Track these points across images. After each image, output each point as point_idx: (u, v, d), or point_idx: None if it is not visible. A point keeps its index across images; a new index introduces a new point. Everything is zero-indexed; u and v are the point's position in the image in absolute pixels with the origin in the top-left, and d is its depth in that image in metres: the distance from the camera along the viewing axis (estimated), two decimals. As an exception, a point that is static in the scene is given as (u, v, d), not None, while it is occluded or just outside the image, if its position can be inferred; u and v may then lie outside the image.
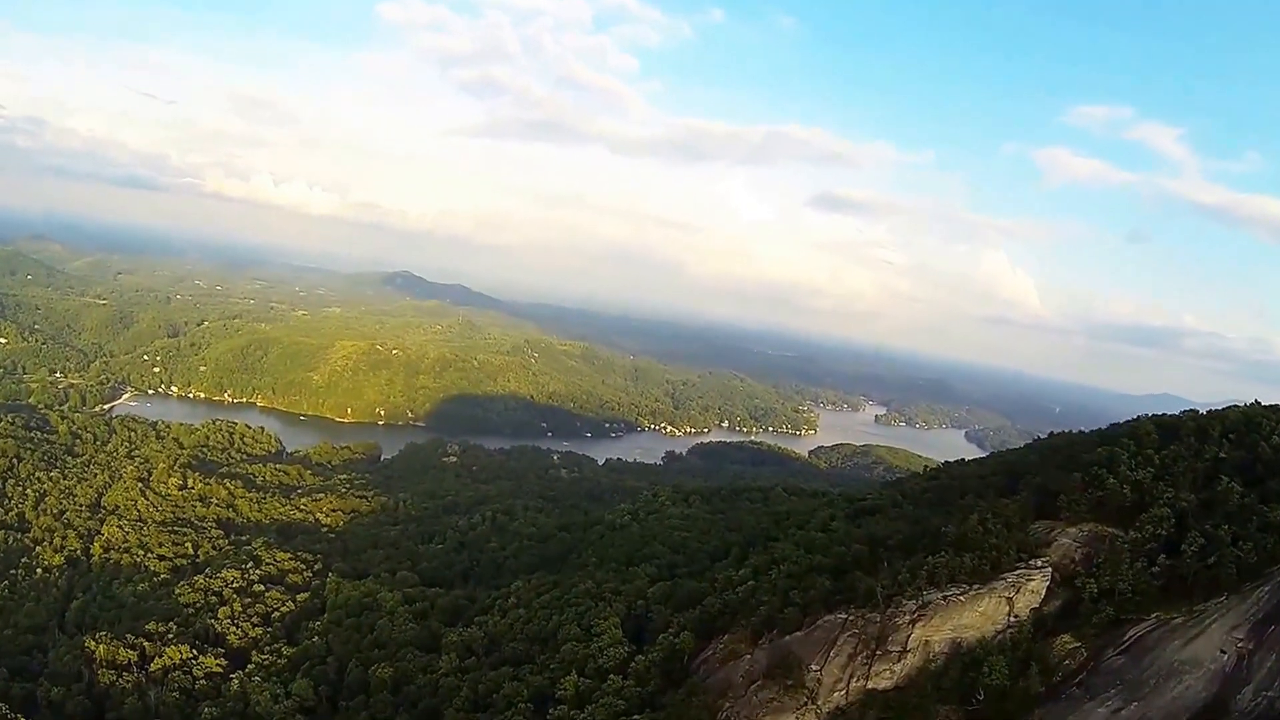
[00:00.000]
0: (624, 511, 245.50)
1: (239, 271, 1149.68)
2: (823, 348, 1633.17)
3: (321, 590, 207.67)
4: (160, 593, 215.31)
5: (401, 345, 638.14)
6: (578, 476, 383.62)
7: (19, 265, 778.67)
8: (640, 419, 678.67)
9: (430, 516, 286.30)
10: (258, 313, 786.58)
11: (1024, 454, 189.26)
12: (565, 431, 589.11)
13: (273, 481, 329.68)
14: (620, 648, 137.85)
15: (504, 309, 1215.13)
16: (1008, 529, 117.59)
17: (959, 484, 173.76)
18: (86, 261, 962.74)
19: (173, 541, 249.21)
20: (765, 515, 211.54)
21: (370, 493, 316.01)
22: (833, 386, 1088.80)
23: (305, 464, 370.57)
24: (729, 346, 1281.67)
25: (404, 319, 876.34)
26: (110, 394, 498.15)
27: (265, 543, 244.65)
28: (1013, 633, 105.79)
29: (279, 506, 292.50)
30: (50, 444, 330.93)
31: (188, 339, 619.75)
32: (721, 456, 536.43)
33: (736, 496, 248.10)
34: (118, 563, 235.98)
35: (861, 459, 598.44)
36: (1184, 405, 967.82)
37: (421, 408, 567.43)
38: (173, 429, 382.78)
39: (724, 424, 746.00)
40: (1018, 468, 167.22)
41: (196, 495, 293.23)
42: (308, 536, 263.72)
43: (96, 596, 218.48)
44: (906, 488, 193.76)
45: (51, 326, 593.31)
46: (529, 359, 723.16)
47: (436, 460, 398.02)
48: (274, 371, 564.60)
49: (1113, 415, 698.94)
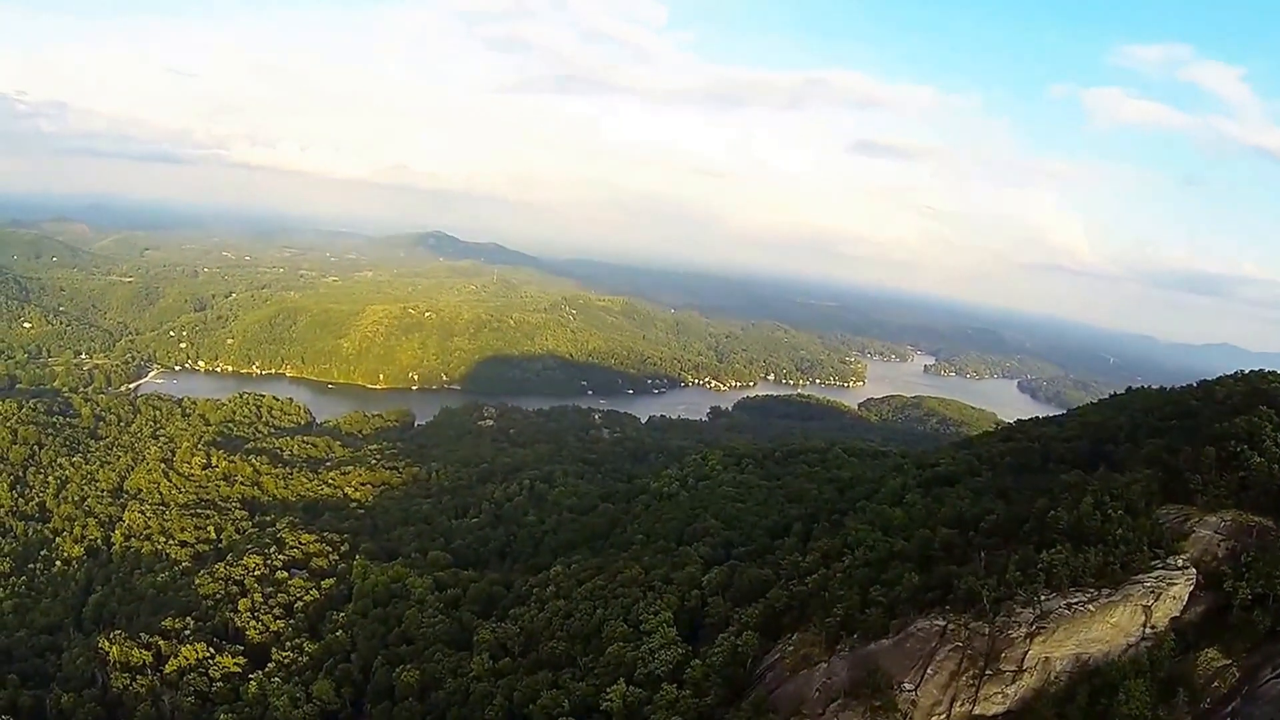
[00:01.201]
0: (671, 478, 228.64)
1: (268, 240, 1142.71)
2: (866, 297, 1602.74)
3: (348, 575, 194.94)
4: (180, 583, 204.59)
5: (435, 307, 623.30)
6: (620, 436, 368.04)
7: (43, 248, 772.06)
8: (683, 374, 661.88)
9: (464, 487, 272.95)
10: (287, 281, 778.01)
11: (1108, 414, 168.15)
12: (606, 389, 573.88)
13: (300, 455, 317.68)
14: (674, 648, 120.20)
15: (540, 266, 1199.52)
16: (1131, 515, 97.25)
17: (1039, 447, 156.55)
18: (112, 240, 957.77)
19: (195, 526, 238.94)
20: (827, 483, 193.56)
21: (402, 463, 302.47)
22: (879, 336, 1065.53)
23: (335, 435, 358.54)
24: (771, 297, 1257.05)
25: (437, 280, 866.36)
26: (136, 373, 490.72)
27: (290, 523, 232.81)
28: (1149, 647, 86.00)
29: (306, 482, 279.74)
30: (73, 428, 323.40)
31: (214, 312, 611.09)
32: (769, 411, 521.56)
33: (792, 459, 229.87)
34: (138, 551, 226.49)
35: (913, 411, 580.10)
36: (1244, 356, 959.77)
37: (456, 370, 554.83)
38: (199, 405, 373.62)
39: (770, 377, 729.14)
40: (1105, 432, 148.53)
41: (221, 474, 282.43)
42: (335, 514, 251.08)
43: (115, 589, 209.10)
44: (981, 450, 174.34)
45: (76, 308, 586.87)
46: (567, 316, 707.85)
47: (472, 425, 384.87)
48: (303, 340, 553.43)
49: (1170, 366, 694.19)
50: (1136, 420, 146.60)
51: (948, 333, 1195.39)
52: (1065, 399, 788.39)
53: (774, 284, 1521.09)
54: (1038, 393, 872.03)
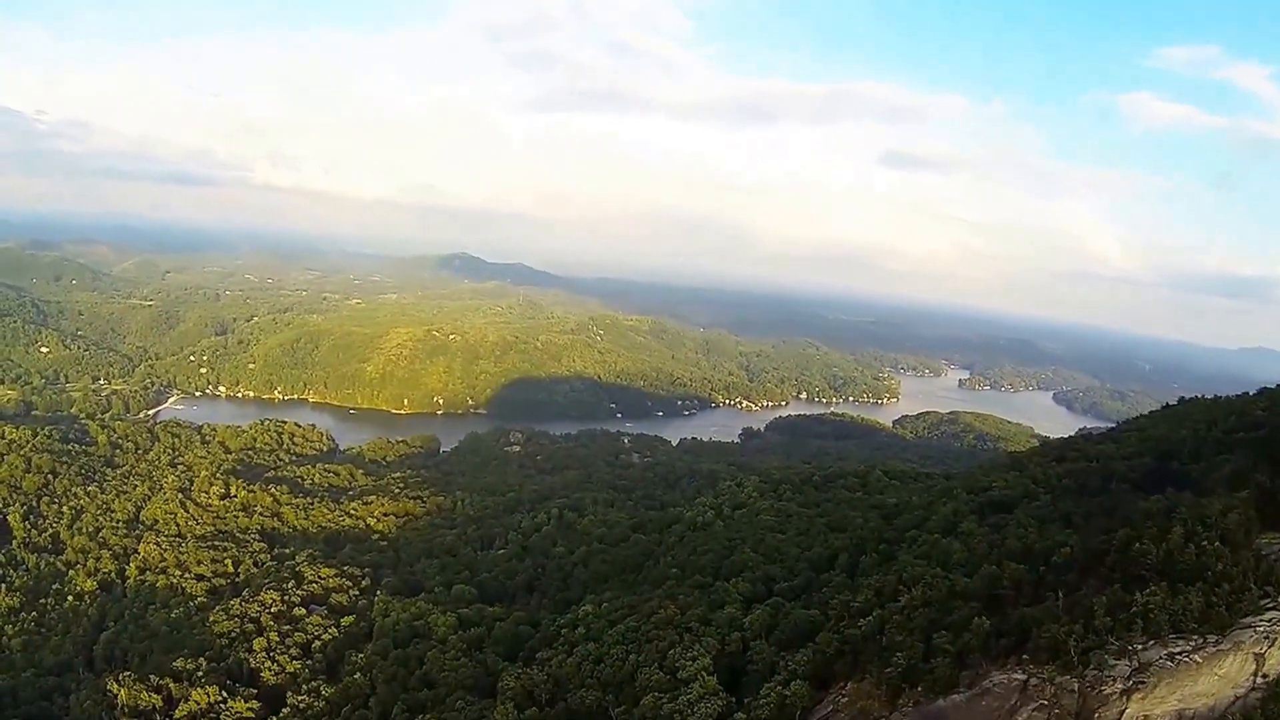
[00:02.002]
0: (706, 506, 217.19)
1: (292, 263, 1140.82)
2: (899, 311, 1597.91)
3: (368, 612, 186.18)
4: (195, 619, 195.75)
5: (459, 329, 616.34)
6: (650, 461, 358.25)
7: (63, 270, 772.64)
8: (714, 394, 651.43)
9: (490, 516, 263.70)
10: (310, 304, 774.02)
11: (1166, 428, 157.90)
12: (635, 411, 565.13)
13: (322, 484, 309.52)
14: (715, 699, 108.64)
15: (566, 286, 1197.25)
16: (1229, 547, 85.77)
17: (1099, 467, 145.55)
18: (134, 263, 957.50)
19: (212, 559, 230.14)
20: (871, 510, 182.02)
21: (426, 492, 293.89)
22: (912, 351, 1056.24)
23: (357, 463, 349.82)
24: (802, 314, 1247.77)
25: (462, 302, 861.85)
26: (155, 399, 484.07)
27: (310, 556, 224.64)
28: (1260, 699, 74.35)
29: (327, 513, 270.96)
30: (89, 456, 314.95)
31: (235, 336, 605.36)
32: (802, 431, 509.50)
33: (831, 484, 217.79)
34: (153, 585, 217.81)
35: (949, 427, 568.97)
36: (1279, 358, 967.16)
37: (482, 394, 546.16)
38: (218, 432, 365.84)
39: (802, 395, 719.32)
40: (1168, 448, 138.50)
41: (239, 504, 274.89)
42: (357, 546, 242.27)
43: (128, 626, 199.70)
44: (1034, 471, 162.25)
45: (95, 332, 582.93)
46: (594, 337, 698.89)
47: (498, 451, 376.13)
48: (326, 365, 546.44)
49: (1206, 371, 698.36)
50: (1200, 434, 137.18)
51: (981, 345, 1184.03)
52: (1102, 410, 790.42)
53: (805, 300, 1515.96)
54: (1074, 404, 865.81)
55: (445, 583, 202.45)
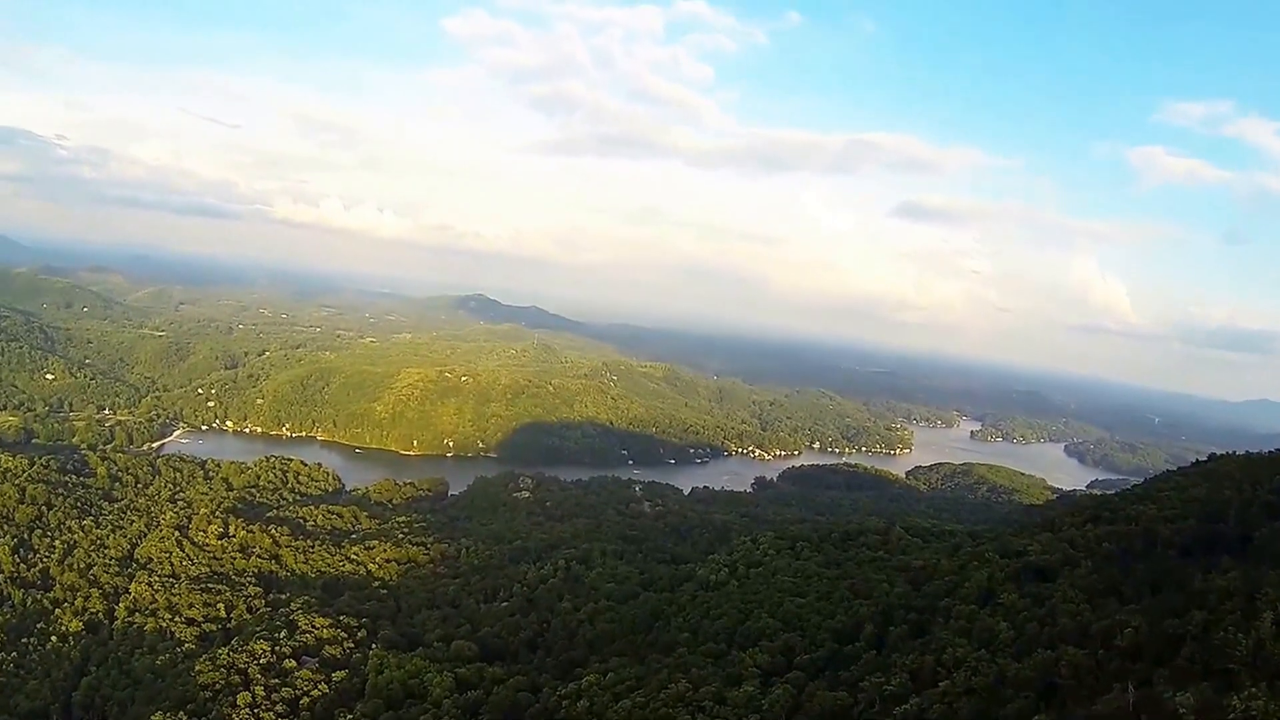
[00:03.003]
0: (719, 564, 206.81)
1: (307, 299, 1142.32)
2: (911, 362, 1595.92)
3: (362, 667, 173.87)
4: (181, 667, 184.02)
5: (472, 371, 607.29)
6: (661, 510, 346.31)
7: (75, 297, 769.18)
8: (726, 442, 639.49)
9: (496, 567, 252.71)
10: (323, 341, 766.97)
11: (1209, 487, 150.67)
12: (647, 458, 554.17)
13: (324, 526, 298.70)
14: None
15: (581, 330, 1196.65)
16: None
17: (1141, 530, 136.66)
18: (148, 292, 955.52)
19: (204, 602, 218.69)
20: (897, 573, 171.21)
21: (431, 538, 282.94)
22: (925, 402, 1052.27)
23: (362, 504, 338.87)
24: (816, 363, 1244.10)
25: (477, 343, 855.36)
26: (160, 431, 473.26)
27: (306, 602, 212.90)
28: None
29: (327, 557, 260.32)
30: (86, 488, 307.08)
31: (245, 370, 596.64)
32: (815, 481, 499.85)
33: (850, 542, 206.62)
34: (141, 628, 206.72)
35: (963, 479, 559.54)
36: None
37: (493, 438, 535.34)
38: (222, 468, 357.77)
39: (815, 445, 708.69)
40: (1213, 509, 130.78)
41: (238, 545, 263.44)
42: (356, 594, 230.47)
43: (111, 672, 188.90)
44: (1069, 533, 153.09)
45: (103, 361, 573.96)
46: (608, 382, 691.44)
47: (507, 496, 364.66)
48: (335, 403, 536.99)
49: (1212, 424, 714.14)
50: (1245, 495, 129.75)
51: (993, 396, 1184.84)
52: (1113, 462, 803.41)
53: (819, 350, 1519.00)
54: (1085, 456, 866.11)
55: (445, 637, 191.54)
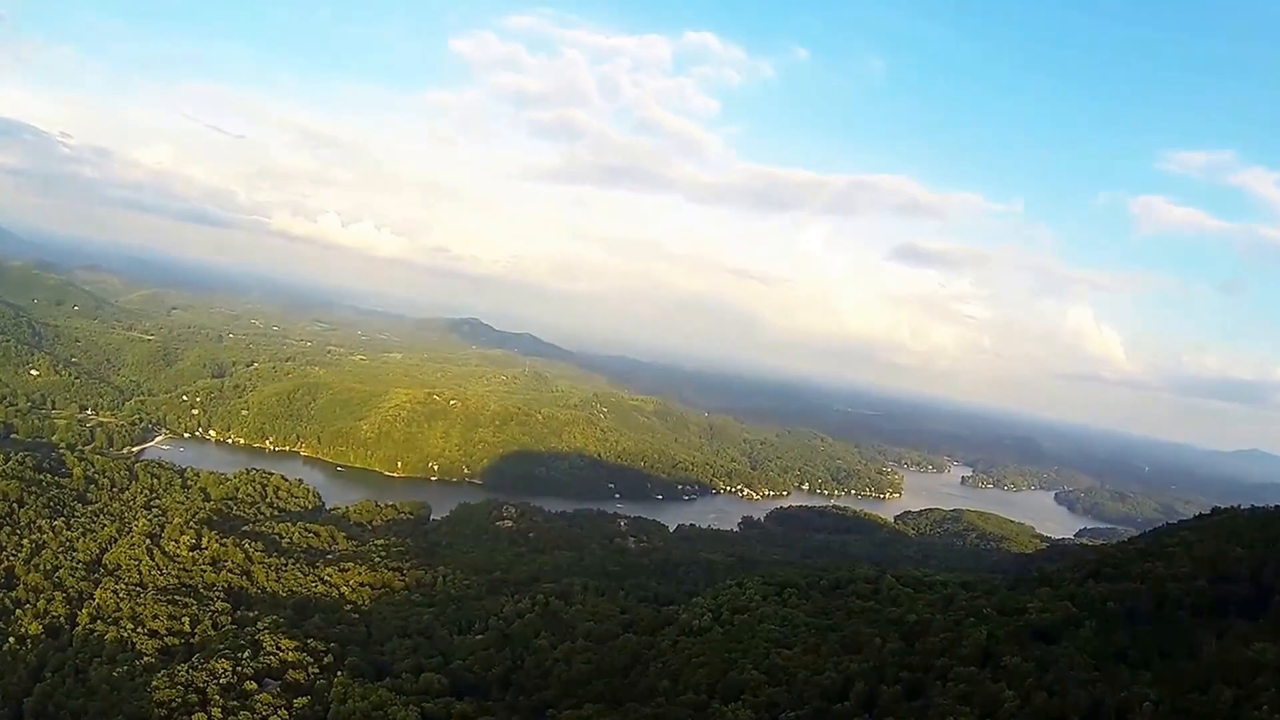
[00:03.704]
0: (703, 609, 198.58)
1: (300, 312, 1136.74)
2: (904, 405, 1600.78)
3: (326, 694, 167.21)
4: (139, 681, 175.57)
5: (461, 395, 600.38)
6: (646, 546, 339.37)
7: (67, 295, 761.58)
8: (715, 480, 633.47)
9: (473, 597, 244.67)
10: (313, 355, 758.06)
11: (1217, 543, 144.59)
12: (634, 493, 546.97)
13: (300, 544, 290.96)
14: None
15: (574, 360, 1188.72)
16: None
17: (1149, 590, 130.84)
18: (141, 295, 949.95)
19: (169, 615, 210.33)
20: (889, 626, 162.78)
21: (408, 563, 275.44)
22: (916, 446, 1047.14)
23: (341, 524, 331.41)
24: (808, 404, 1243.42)
25: (468, 368, 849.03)
26: (142, 435, 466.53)
27: (274, 623, 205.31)
28: None
29: (300, 576, 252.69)
30: (60, 488, 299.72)
31: (233, 380, 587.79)
32: (804, 523, 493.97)
33: (840, 590, 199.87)
34: (102, 637, 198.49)
35: (952, 525, 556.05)
36: (1274, 461, 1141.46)
37: (479, 464, 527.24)
38: (201, 478, 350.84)
39: (804, 486, 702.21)
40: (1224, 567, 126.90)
41: (209, 557, 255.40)
42: (326, 616, 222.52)
43: (67, 679, 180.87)
44: (1070, 589, 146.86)
45: (90, 360, 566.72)
46: (598, 414, 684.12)
47: (490, 524, 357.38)
48: (321, 419, 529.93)
49: (1203, 474, 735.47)
50: (1257, 552, 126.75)
51: (985, 443, 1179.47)
52: (1103, 511, 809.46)
53: (812, 390, 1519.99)
54: (1075, 504, 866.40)
55: (415, 668, 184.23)
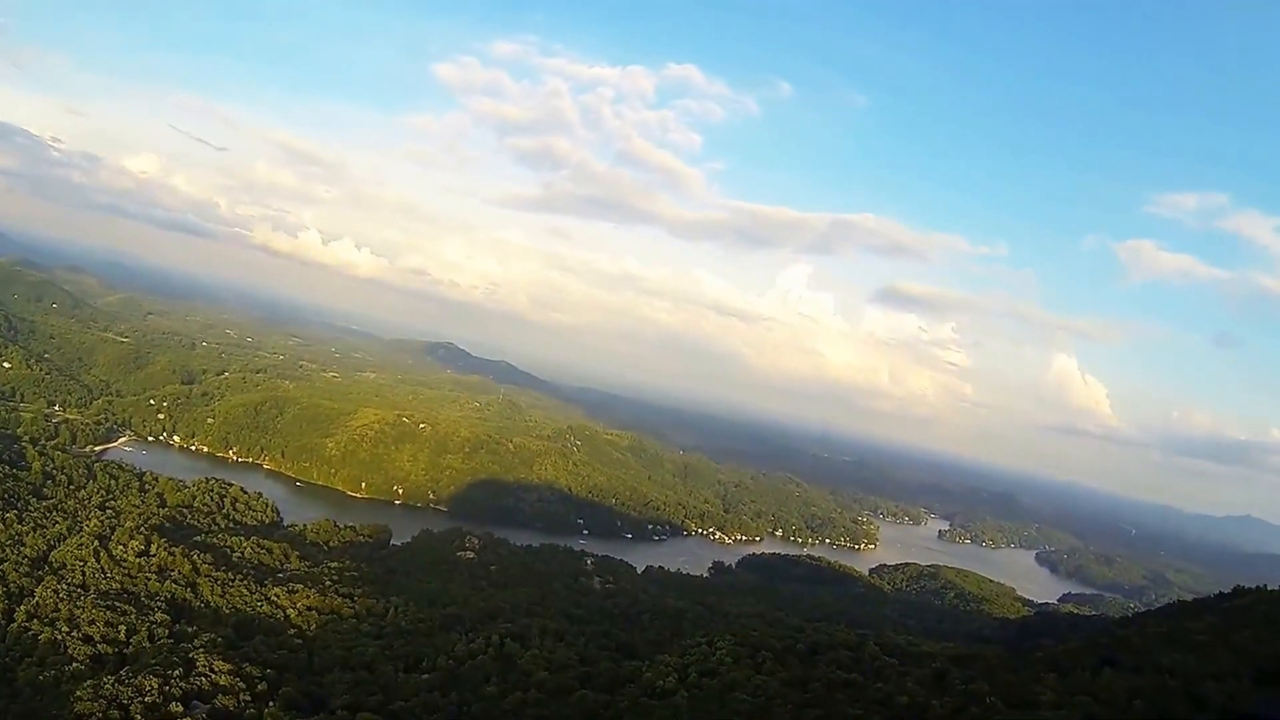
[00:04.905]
0: (668, 668, 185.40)
1: (275, 326, 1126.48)
2: (881, 452, 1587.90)
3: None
4: (64, 688, 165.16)
5: (431, 419, 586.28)
6: (612, 589, 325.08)
7: (46, 293, 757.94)
8: (687, 521, 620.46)
9: (423, 632, 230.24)
10: (284, 370, 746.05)
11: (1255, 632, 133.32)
12: (603, 530, 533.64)
13: (251, 559, 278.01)
14: None
15: (549, 391, 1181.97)
16: None
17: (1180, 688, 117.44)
18: (119, 298, 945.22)
19: (106, 621, 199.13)
20: (874, 707, 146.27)
21: (359, 590, 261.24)
22: (892, 496, 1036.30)
23: (296, 542, 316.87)
24: (784, 446, 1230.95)
25: (441, 392, 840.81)
26: (106, 435, 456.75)
27: (211, 641, 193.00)
28: None
29: (246, 594, 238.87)
30: (17, 480, 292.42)
31: (201, 388, 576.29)
32: (777, 572, 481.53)
33: (818, 657, 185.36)
34: (35, 637, 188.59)
35: (930, 582, 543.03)
36: (1266, 529, 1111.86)
37: (445, 490, 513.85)
38: (159, 482, 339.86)
39: (778, 533, 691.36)
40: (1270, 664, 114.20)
41: (156, 565, 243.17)
42: (268, 640, 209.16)
43: None
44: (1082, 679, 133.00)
45: (62, 358, 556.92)
46: (571, 447, 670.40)
47: (451, 554, 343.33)
48: (287, 433, 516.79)
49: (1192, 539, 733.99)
50: None
51: (963, 495, 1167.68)
52: (1087, 574, 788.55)
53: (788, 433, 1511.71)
54: (1057, 566, 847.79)
55: (353, 704, 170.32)
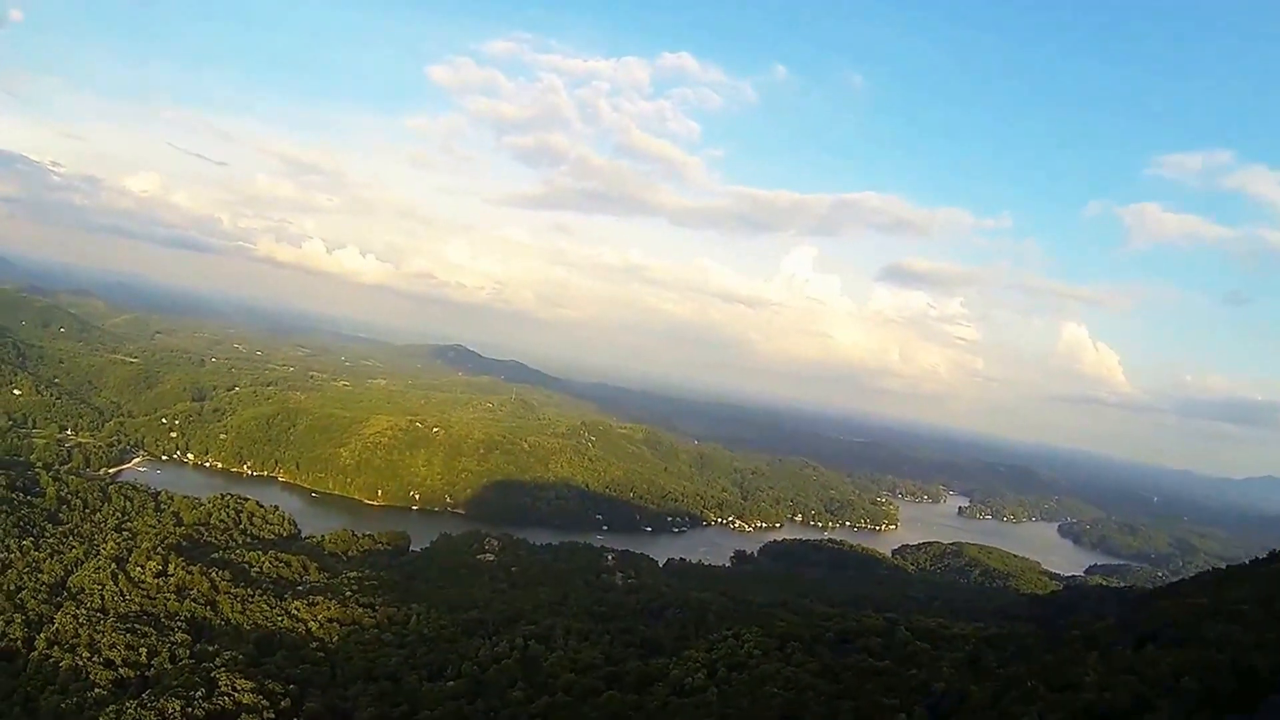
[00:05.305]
0: (696, 664, 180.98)
1: (284, 338, 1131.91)
2: (896, 432, 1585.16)
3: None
4: (88, 715, 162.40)
5: (444, 423, 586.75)
6: (634, 584, 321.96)
7: (53, 318, 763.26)
8: (706, 511, 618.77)
9: (447, 639, 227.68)
10: (295, 381, 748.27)
11: None
12: (622, 524, 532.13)
13: (269, 574, 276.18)
14: None
15: (561, 388, 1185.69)
16: None
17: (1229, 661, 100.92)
18: (126, 319, 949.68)
19: (127, 644, 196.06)
20: (911, 695, 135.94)
21: (380, 599, 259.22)
22: (910, 475, 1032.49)
23: (314, 554, 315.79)
24: (799, 431, 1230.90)
25: (453, 395, 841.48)
26: (119, 457, 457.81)
27: (233, 659, 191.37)
28: None
29: (266, 609, 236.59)
30: (32, 507, 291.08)
31: (212, 404, 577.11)
32: (798, 558, 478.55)
33: (848, 645, 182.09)
34: (57, 664, 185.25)
35: (953, 560, 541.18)
36: None
37: (462, 493, 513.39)
38: (175, 501, 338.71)
39: (797, 518, 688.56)
40: None
41: (174, 585, 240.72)
42: (290, 654, 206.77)
43: (15, 708, 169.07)
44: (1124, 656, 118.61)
45: (72, 382, 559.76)
46: (585, 443, 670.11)
47: (470, 557, 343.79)
48: (301, 444, 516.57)
49: (1214, 504, 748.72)
50: None
51: (980, 471, 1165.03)
52: (1112, 544, 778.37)
53: (802, 417, 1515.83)
54: (1080, 538, 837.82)
55: (378, 717, 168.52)
